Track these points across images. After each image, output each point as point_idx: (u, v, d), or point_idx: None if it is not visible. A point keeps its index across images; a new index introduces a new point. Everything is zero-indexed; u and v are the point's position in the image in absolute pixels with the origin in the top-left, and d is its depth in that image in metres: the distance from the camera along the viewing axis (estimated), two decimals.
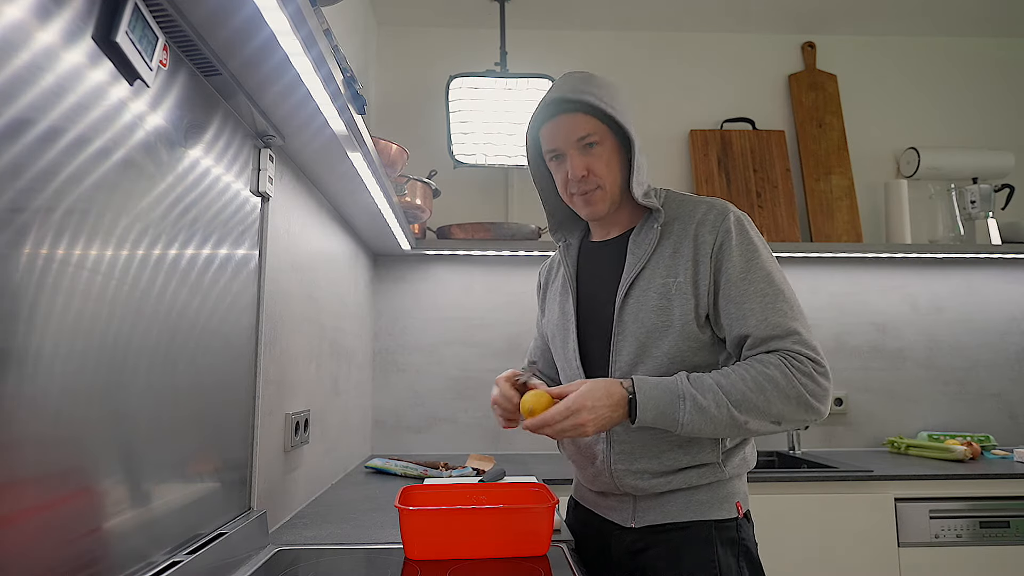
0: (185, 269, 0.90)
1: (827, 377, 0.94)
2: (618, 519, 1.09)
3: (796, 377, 0.92)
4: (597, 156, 1.04)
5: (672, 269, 1.02)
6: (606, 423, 0.95)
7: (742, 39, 2.66)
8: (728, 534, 1.02)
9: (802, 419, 0.94)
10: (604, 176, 1.05)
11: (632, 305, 1.04)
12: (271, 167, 1.21)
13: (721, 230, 1.01)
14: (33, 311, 0.60)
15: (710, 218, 1.03)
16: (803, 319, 0.98)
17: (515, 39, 2.57)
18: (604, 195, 1.07)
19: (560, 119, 1.05)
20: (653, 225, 1.06)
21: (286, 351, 1.34)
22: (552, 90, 1.06)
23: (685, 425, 0.93)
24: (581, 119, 1.03)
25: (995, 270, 2.53)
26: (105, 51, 0.71)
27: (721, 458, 1.03)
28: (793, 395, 0.92)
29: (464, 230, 2.25)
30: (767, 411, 0.92)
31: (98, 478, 0.70)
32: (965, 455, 2.02)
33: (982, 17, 2.56)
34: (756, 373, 0.93)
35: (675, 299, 1.01)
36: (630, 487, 1.05)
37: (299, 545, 1.14)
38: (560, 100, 1.03)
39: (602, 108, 1.01)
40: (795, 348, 0.94)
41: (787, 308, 0.97)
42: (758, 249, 1.01)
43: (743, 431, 0.94)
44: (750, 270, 0.99)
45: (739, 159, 2.53)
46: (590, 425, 0.93)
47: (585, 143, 1.04)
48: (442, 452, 2.35)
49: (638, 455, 1.04)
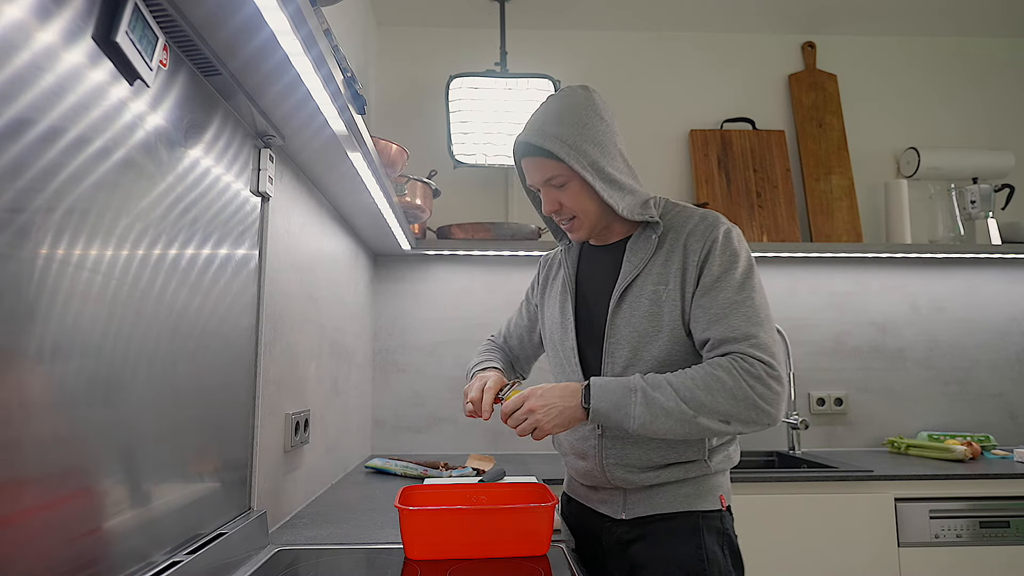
0: (185, 269, 0.90)
1: (779, 381, 0.97)
2: (609, 511, 1.13)
3: (744, 379, 0.95)
4: (566, 192, 1.09)
5: (663, 277, 1.07)
6: (558, 415, 1.00)
7: (742, 39, 2.66)
8: (713, 524, 1.07)
9: (752, 419, 0.96)
10: (576, 208, 1.10)
11: (625, 310, 1.09)
12: (271, 167, 1.21)
13: (708, 240, 1.05)
14: (33, 311, 0.60)
15: (700, 228, 1.07)
16: (766, 326, 1.00)
17: (515, 39, 2.57)
18: (581, 223, 1.12)
19: (527, 161, 1.10)
20: (651, 235, 1.10)
21: (286, 351, 1.34)
22: (525, 126, 1.10)
23: (637, 418, 0.97)
24: (544, 163, 1.08)
25: (995, 270, 2.53)
26: (105, 51, 0.71)
27: (706, 455, 1.08)
28: (740, 396, 0.95)
29: (464, 230, 2.26)
30: (715, 409, 0.95)
31: (98, 478, 0.70)
32: (965, 455, 2.02)
33: (982, 17, 2.56)
34: (705, 373, 0.97)
35: (665, 305, 1.06)
36: (620, 480, 1.10)
37: (299, 545, 1.14)
38: (524, 144, 1.09)
39: (559, 156, 1.04)
40: (748, 351, 0.97)
41: (751, 314, 1.00)
42: (738, 259, 1.04)
43: (694, 427, 0.96)
44: (723, 277, 1.03)
45: (739, 159, 2.53)
46: (540, 413, 1.00)
47: (552, 184, 1.09)
48: (442, 452, 2.35)
49: (628, 451, 1.09)
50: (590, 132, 1.06)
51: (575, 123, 1.06)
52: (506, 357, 1.37)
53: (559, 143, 1.04)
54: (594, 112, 1.08)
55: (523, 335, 1.37)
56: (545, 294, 1.28)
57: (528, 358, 1.40)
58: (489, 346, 1.39)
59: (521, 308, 1.39)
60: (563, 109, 1.07)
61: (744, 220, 2.45)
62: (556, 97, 1.10)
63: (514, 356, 1.39)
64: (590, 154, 1.05)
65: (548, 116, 1.07)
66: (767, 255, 2.45)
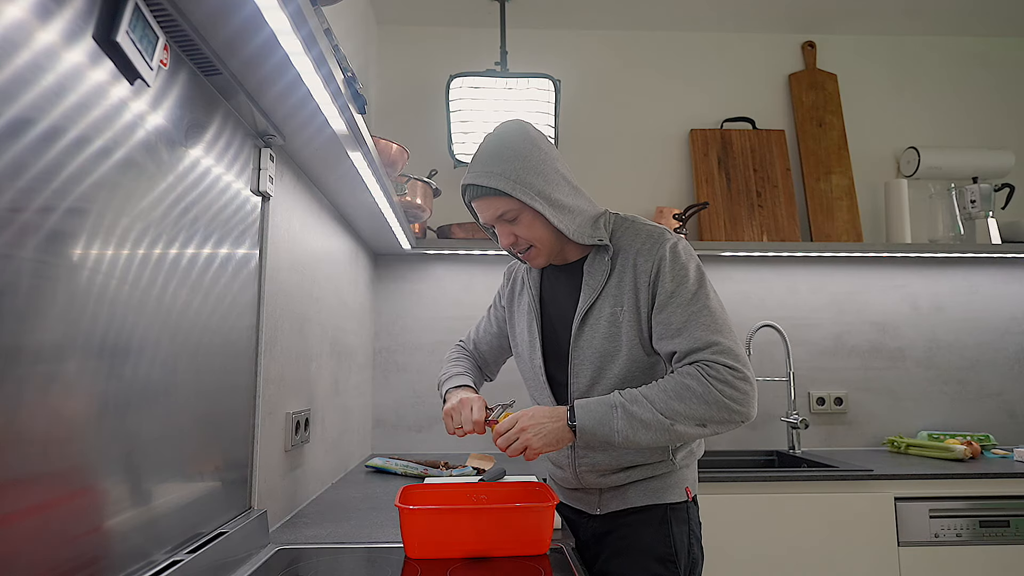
0: (186, 268, 0.90)
1: (746, 381, 1.03)
2: (585, 508, 1.24)
3: (712, 384, 1.01)
4: (519, 224, 1.14)
5: (618, 299, 1.14)
6: (547, 432, 1.06)
7: (742, 39, 2.66)
8: (680, 514, 1.17)
9: (726, 419, 1.02)
10: (531, 238, 1.15)
11: (587, 333, 1.16)
12: (271, 166, 1.21)
13: (656, 258, 1.11)
14: (33, 311, 0.60)
15: (646, 247, 1.13)
16: (726, 330, 1.06)
17: (515, 39, 2.57)
18: (539, 251, 1.17)
19: (477, 203, 1.15)
20: (604, 257, 1.16)
21: (286, 350, 1.34)
22: (468, 169, 1.15)
23: (620, 432, 1.03)
24: (493, 201, 1.13)
25: (995, 269, 2.53)
26: (106, 51, 0.71)
27: (671, 453, 1.18)
28: (711, 400, 1.01)
29: (464, 229, 2.25)
30: (689, 415, 1.02)
31: (98, 477, 0.70)
32: (965, 454, 2.02)
33: (982, 17, 2.56)
34: (676, 383, 1.04)
35: (623, 327, 1.13)
36: (594, 483, 1.21)
37: (299, 544, 1.14)
38: (471, 186, 1.14)
39: (506, 191, 1.09)
40: (712, 358, 1.03)
41: (709, 322, 1.06)
42: (688, 271, 1.10)
43: (673, 434, 1.03)
44: (676, 292, 1.09)
45: (739, 159, 2.53)
46: (531, 431, 1.05)
47: (505, 219, 1.14)
48: (442, 451, 2.35)
49: (598, 457, 1.18)
50: (530, 163, 1.11)
51: (514, 157, 1.11)
52: (475, 364, 1.44)
53: (503, 179, 1.09)
54: (529, 143, 1.13)
55: (492, 341, 1.44)
56: (513, 307, 1.35)
57: (496, 362, 1.48)
58: (459, 354, 1.45)
59: (489, 314, 1.45)
60: (500, 146, 1.12)
61: (744, 220, 2.45)
62: (492, 137, 1.15)
63: (483, 360, 1.46)
64: (534, 184, 1.10)
65: (488, 156, 1.12)
66: (767, 255, 2.45)
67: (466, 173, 1.15)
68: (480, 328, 1.46)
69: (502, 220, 1.14)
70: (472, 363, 1.43)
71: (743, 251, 2.38)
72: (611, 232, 1.18)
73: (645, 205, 2.52)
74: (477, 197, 1.14)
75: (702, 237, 2.46)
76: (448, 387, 1.30)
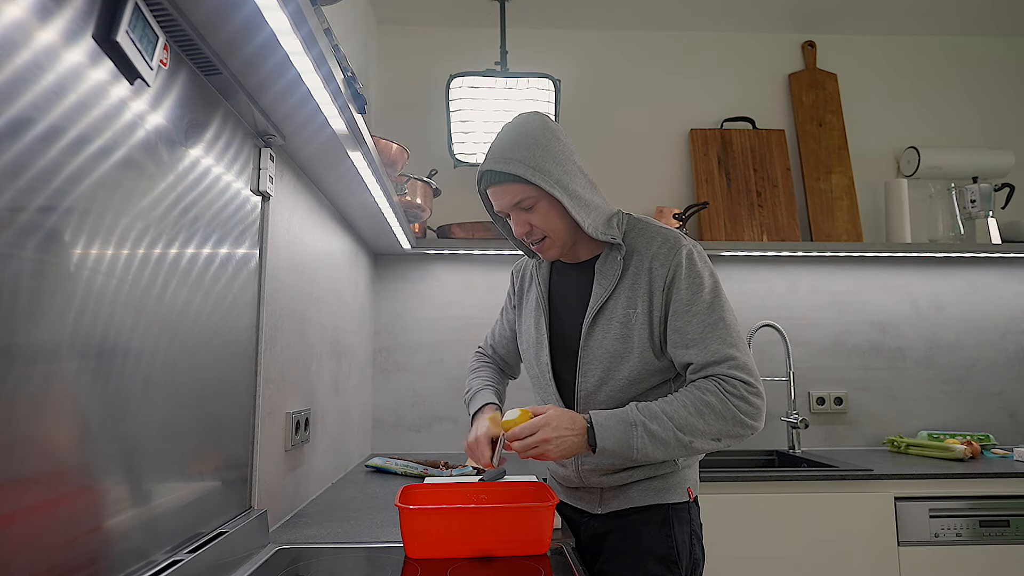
0: (186, 268, 0.90)
1: (759, 396, 1.05)
2: (586, 507, 1.23)
3: (730, 400, 1.03)
4: (535, 213, 1.12)
5: (631, 300, 1.13)
6: (567, 446, 1.04)
7: (742, 39, 2.66)
8: (682, 515, 1.16)
9: (739, 434, 1.04)
10: (546, 228, 1.13)
11: (597, 333, 1.15)
12: (271, 166, 1.21)
13: (672, 264, 1.10)
14: (34, 310, 0.60)
15: (663, 252, 1.12)
16: (740, 344, 1.08)
17: (515, 38, 2.57)
18: (552, 243, 1.16)
19: (493, 189, 1.13)
20: (616, 256, 1.15)
21: (286, 350, 1.34)
22: (486, 157, 1.13)
23: (639, 450, 1.03)
24: (511, 188, 1.11)
25: (995, 269, 2.53)
26: (105, 50, 0.71)
27: None
28: (728, 416, 1.03)
29: (464, 229, 2.25)
30: (707, 431, 1.03)
31: (98, 477, 0.70)
32: (965, 454, 2.02)
33: (982, 16, 2.56)
34: (695, 399, 1.04)
35: (634, 329, 1.12)
36: (596, 483, 1.20)
37: (299, 544, 1.14)
38: (488, 172, 1.12)
39: (525, 177, 1.06)
40: (729, 373, 1.04)
41: (725, 335, 1.07)
42: (703, 281, 1.10)
43: (689, 450, 1.05)
44: (693, 301, 1.09)
45: (739, 158, 2.53)
46: (552, 444, 1.04)
47: (521, 207, 1.12)
48: (442, 451, 2.35)
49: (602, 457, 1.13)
50: (550, 152, 1.10)
51: (534, 145, 1.09)
52: (497, 370, 1.44)
53: (523, 166, 1.07)
54: (550, 133, 1.12)
55: (508, 344, 1.43)
56: (521, 305, 1.34)
57: (517, 363, 1.48)
58: (479, 363, 1.45)
59: (502, 317, 1.44)
60: (520, 134, 1.11)
61: (744, 219, 2.45)
62: (511, 125, 1.14)
63: (504, 364, 1.47)
64: (553, 173, 1.09)
65: (507, 143, 1.11)
66: (767, 254, 2.45)
67: (483, 162, 1.13)
68: (495, 332, 1.46)
69: (518, 208, 1.12)
70: (493, 370, 1.42)
71: (743, 251, 2.38)
72: (624, 232, 1.16)
73: (645, 205, 2.52)
74: (494, 184, 1.12)
75: (702, 237, 2.46)
76: (472, 409, 1.29)
